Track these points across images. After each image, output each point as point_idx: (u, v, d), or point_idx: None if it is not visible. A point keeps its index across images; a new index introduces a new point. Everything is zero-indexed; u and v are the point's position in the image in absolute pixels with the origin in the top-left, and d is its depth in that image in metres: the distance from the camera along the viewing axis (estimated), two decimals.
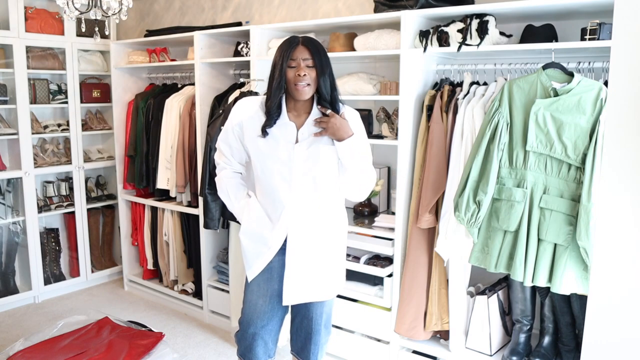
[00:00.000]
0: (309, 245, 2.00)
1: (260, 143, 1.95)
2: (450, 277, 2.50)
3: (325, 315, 2.13)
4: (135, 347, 2.64)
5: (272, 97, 1.91)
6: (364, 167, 1.97)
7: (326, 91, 1.91)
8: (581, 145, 2.06)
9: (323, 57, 1.90)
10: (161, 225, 3.79)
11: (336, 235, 2.07)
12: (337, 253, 2.09)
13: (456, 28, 2.39)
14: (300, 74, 1.86)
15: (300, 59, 1.87)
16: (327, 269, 2.06)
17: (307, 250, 2.00)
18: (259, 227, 2.01)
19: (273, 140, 1.94)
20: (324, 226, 2.02)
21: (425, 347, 2.63)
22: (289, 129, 1.94)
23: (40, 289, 3.82)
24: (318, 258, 2.02)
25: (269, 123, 1.92)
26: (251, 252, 2.05)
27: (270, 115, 1.92)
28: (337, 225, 2.07)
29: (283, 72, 1.88)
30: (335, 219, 2.06)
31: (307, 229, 1.99)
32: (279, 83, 1.89)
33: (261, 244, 2.01)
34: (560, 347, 2.41)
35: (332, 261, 2.07)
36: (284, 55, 1.87)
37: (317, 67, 1.88)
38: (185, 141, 3.45)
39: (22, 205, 3.69)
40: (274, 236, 1.98)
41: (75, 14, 2.29)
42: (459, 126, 2.38)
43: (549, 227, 2.11)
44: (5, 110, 3.65)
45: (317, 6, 3.32)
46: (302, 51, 1.88)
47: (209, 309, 3.50)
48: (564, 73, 2.13)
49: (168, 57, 3.73)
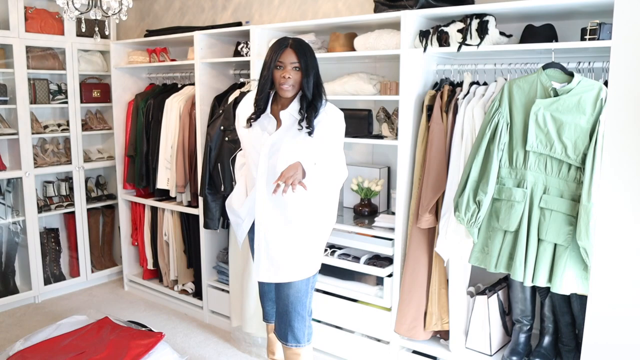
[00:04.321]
0: (273, 225, 2.20)
1: (245, 131, 2.23)
2: (450, 277, 2.50)
3: (292, 298, 2.26)
4: (135, 347, 2.64)
5: (260, 92, 2.17)
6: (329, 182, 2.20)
7: (308, 91, 2.11)
8: (581, 145, 2.06)
9: (309, 60, 2.10)
10: (161, 225, 3.79)
11: (305, 219, 2.20)
12: (307, 236, 2.22)
13: (456, 28, 2.39)
14: (285, 76, 2.08)
15: (288, 62, 2.08)
16: (293, 251, 2.20)
17: (272, 228, 2.20)
18: (234, 200, 2.33)
19: (253, 130, 2.20)
20: (288, 209, 2.18)
21: (425, 347, 2.63)
22: (270, 121, 2.19)
23: (40, 289, 3.82)
24: (282, 239, 2.20)
25: (253, 116, 2.19)
26: (232, 222, 2.39)
27: (257, 109, 2.18)
28: (306, 210, 2.20)
29: (270, 72, 2.11)
30: (303, 204, 2.18)
31: (270, 211, 2.19)
32: (266, 81, 2.13)
33: (235, 215, 2.32)
34: (560, 347, 2.41)
35: (299, 244, 2.21)
36: (273, 57, 2.09)
37: (302, 69, 2.09)
38: (185, 141, 3.45)
39: (22, 205, 3.69)
40: (244, 209, 2.27)
41: (75, 14, 2.29)
42: (459, 126, 2.38)
43: (549, 227, 2.11)
44: (5, 110, 3.65)
45: (317, 6, 3.32)
46: (289, 54, 2.08)
47: (209, 309, 3.50)
48: (564, 73, 2.13)
49: (168, 57, 3.73)
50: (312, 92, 2.11)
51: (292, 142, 2.13)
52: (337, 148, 2.22)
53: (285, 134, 2.14)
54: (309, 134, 2.11)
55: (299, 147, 2.12)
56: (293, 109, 2.15)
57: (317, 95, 2.13)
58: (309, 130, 2.11)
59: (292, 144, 2.12)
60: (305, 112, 2.12)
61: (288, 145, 2.12)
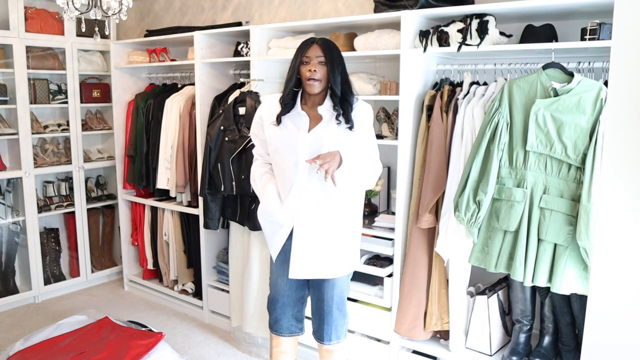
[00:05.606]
0: (315, 223, 2.16)
1: (275, 130, 2.19)
2: (450, 277, 2.50)
3: (337, 297, 2.27)
4: (135, 347, 2.64)
5: (286, 89, 2.17)
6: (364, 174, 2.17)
7: (336, 85, 2.11)
8: (581, 145, 2.06)
9: (335, 55, 2.12)
10: (161, 225, 3.79)
11: (346, 215, 2.20)
12: (347, 233, 2.22)
13: (456, 28, 2.39)
14: (311, 70, 2.09)
15: (313, 56, 2.10)
16: (334, 248, 2.19)
17: (313, 227, 2.16)
18: (270, 206, 2.22)
19: (286, 128, 2.16)
20: (331, 206, 2.16)
21: (425, 347, 2.63)
22: (302, 118, 2.16)
23: (40, 289, 3.82)
24: (324, 236, 2.17)
25: (283, 112, 2.16)
26: (268, 231, 2.27)
27: (284, 106, 2.16)
28: (346, 206, 2.20)
29: (296, 67, 2.14)
30: (345, 200, 2.18)
31: (314, 208, 2.15)
32: (291, 77, 2.15)
33: (273, 222, 2.22)
34: (560, 347, 2.41)
35: (341, 240, 2.20)
36: (299, 54, 2.13)
37: (328, 63, 2.10)
38: (185, 141, 3.45)
39: (22, 205, 3.69)
40: (283, 213, 2.17)
41: (75, 14, 2.29)
42: (459, 126, 2.38)
43: (549, 227, 2.11)
44: (5, 110, 3.65)
45: (317, 6, 3.32)
46: (315, 49, 2.11)
47: (209, 309, 3.50)
48: (564, 73, 2.13)
49: (168, 57, 3.73)
50: (341, 88, 2.12)
51: (334, 138, 2.11)
52: (374, 142, 2.23)
53: (324, 130, 2.12)
54: (350, 129, 2.12)
55: (343, 143, 2.11)
56: (328, 104, 2.14)
57: (347, 90, 2.14)
58: (349, 125, 2.11)
59: (334, 139, 2.11)
60: (340, 107, 2.12)
61: (331, 141, 2.10)
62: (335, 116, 2.12)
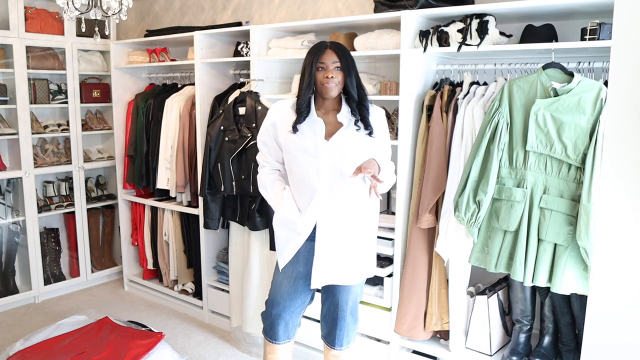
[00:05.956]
0: (338, 231, 2.12)
1: (291, 138, 2.12)
2: (450, 277, 2.50)
3: (351, 303, 2.25)
4: (135, 347, 2.64)
5: (302, 96, 2.10)
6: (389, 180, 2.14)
7: (353, 90, 2.09)
8: (581, 145, 2.06)
9: (349, 60, 2.09)
10: (161, 225, 3.79)
11: (365, 222, 2.18)
12: (366, 240, 2.20)
13: (456, 28, 2.39)
14: (328, 76, 2.05)
15: (330, 62, 2.06)
16: (354, 255, 2.17)
17: (336, 236, 2.12)
18: (289, 215, 2.15)
19: (303, 135, 2.10)
20: (352, 213, 2.14)
21: (425, 347, 2.63)
22: (317, 124, 2.11)
23: (40, 289, 3.82)
24: (346, 244, 2.14)
25: (299, 119, 2.10)
26: (282, 239, 2.20)
27: (300, 113, 2.10)
28: (366, 213, 2.18)
29: (312, 74, 2.07)
30: (364, 207, 2.16)
31: (336, 216, 2.11)
32: (308, 84, 2.08)
33: (291, 230, 2.15)
34: (560, 347, 2.41)
35: (360, 247, 2.18)
36: (313, 59, 2.07)
37: (344, 69, 2.07)
38: (185, 141, 3.45)
39: (22, 205, 3.69)
40: (303, 222, 2.12)
41: (75, 14, 2.29)
42: (459, 126, 2.38)
43: (549, 227, 2.11)
44: (5, 110, 3.65)
45: (317, 6, 3.32)
46: (330, 55, 2.06)
47: (209, 309, 3.50)
48: (564, 73, 2.13)
49: (168, 57, 3.73)
50: (358, 93, 2.09)
51: (356, 144, 2.09)
52: (389, 150, 2.21)
53: (344, 136, 2.09)
54: (369, 134, 2.10)
55: (366, 148, 2.09)
56: (346, 110, 2.11)
57: (363, 95, 2.11)
58: (369, 131, 2.09)
59: (356, 145, 2.08)
60: (358, 113, 2.09)
61: (352, 147, 2.07)
62: (354, 122, 2.09)
